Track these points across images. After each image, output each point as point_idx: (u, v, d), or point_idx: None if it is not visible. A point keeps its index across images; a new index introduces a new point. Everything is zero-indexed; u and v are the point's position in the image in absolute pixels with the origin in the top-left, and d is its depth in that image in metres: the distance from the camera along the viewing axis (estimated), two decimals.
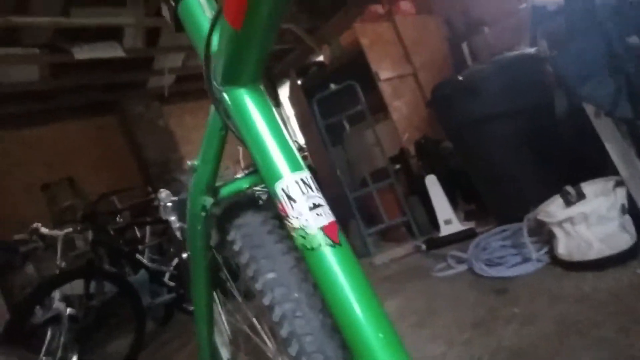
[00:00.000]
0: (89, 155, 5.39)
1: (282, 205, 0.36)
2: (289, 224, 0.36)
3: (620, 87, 1.21)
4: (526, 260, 1.56)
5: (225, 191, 0.53)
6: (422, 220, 2.62)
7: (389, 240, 2.88)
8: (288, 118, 6.22)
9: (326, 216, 0.36)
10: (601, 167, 1.55)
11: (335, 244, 0.34)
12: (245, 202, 0.52)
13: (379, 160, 3.00)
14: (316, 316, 0.41)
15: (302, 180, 0.36)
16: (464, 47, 3.85)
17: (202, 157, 0.52)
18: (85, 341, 2.13)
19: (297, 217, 0.35)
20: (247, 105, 0.39)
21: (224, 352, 0.76)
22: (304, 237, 0.35)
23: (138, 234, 3.16)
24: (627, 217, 1.37)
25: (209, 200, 0.53)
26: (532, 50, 1.90)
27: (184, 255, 0.66)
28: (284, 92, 6.07)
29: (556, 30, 1.76)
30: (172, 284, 2.61)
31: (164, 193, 0.70)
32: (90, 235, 2.33)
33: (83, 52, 3.63)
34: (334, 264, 0.34)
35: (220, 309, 0.76)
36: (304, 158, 4.98)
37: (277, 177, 0.37)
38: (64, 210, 4.26)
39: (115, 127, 5.80)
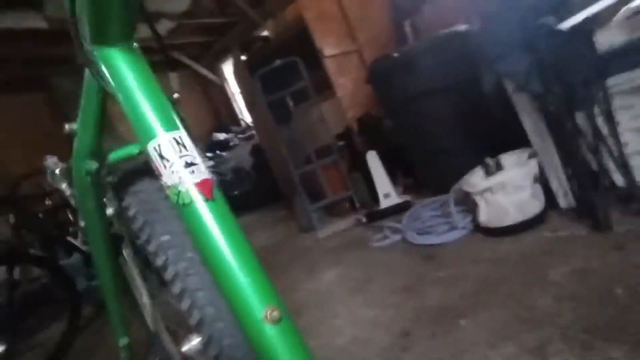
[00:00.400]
0: (14, 136, 4.93)
1: (156, 164, 0.36)
2: (163, 182, 0.36)
3: (532, 63, 1.30)
4: (453, 228, 1.67)
5: (113, 156, 0.52)
6: (363, 194, 2.70)
7: (333, 215, 2.95)
8: (233, 94, 6.05)
9: (200, 174, 0.36)
10: (522, 140, 1.68)
11: (208, 199, 0.35)
12: (141, 170, 0.51)
13: (324, 137, 3.02)
14: (206, 273, 0.42)
15: (175, 139, 0.36)
16: (406, 25, 3.92)
17: (82, 121, 0.51)
18: (14, 330, 2.01)
19: (170, 175, 0.35)
20: (119, 64, 0.38)
21: (147, 317, 0.76)
22: (177, 195, 0.35)
23: (71, 216, 2.98)
24: (538, 185, 1.51)
25: (93, 164, 0.52)
26: (463, 28, 1.98)
27: (81, 224, 0.64)
28: (228, 68, 5.87)
29: (487, 10, 1.85)
30: None
31: (50, 159, 0.66)
32: (11, 219, 2.16)
33: None
34: (208, 218, 0.35)
35: (135, 275, 0.75)
36: (251, 137, 4.88)
37: (150, 136, 0.36)
38: None
39: (44, 105, 5.34)
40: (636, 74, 1.24)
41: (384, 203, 2.45)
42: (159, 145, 0.36)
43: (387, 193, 2.48)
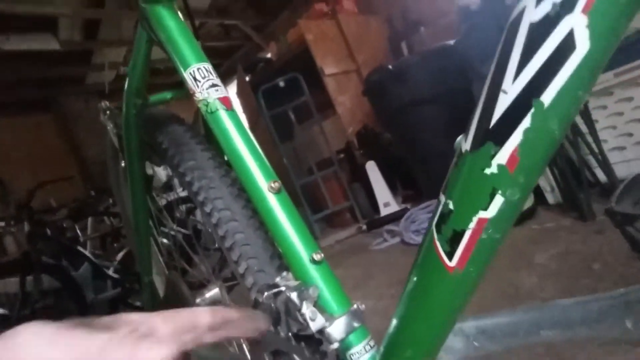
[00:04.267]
0: (23, 154, 5.05)
1: (190, 85, 0.48)
2: (196, 98, 0.48)
3: None
4: None
5: (153, 98, 0.67)
6: (364, 204, 2.78)
7: (334, 226, 3.02)
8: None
9: (222, 92, 0.48)
10: None
11: (228, 109, 0.47)
12: (171, 117, 0.65)
13: (325, 151, 3.13)
14: (226, 188, 0.54)
15: (204, 68, 0.49)
16: (403, 45, 4.10)
17: (132, 65, 0.64)
18: None
19: (201, 92, 0.47)
20: (164, 18, 0.52)
21: (158, 284, 0.84)
22: (206, 105, 0.47)
23: (79, 232, 3.05)
24: None
25: (138, 101, 0.65)
26: (452, 42, 2.11)
27: (122, 164, 0.80)
28: (231, 90, 6.07)
29: (478, 25, 1.98)
30: (117, 277, 2.55)
31: (104, 103, 0.79)
32: (26, 227, 2.23)
33: (12, 43, 3.42)
34: (229, 123, 0.47)
35: (155, 237, 0.84)
36: None
37: (186, 65, 0.49)
38: None
39: (52, 125, 5.48)
40: (605, 77, 1.34)
41: (384, 211, 2.53)
42: (193, 72, 0.48)
43: (387, 202, 2.57)
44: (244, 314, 0.34)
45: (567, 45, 0.22)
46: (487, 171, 0.26)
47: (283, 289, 0.38)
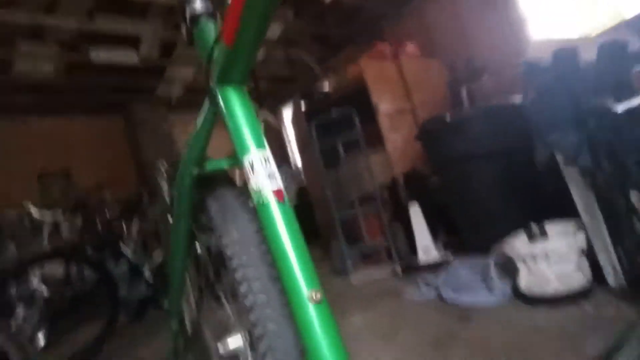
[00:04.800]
0: (89, 150, 5.46)
1: (247, 171, 0.48)
2: (250, 186, 0.48)
3: (583, 139, 1.33)
4: (490, 291, 1.64)
5: (209, 165, 0.67)
6: (402, 246, 2.69)
7: (368, 263, 2.94)
8: (289, 140, 6.37)
9: (277, 184, 0.48)
10: (571, 211, 1.65)
11: (280, 202, 0.47)
12: (225, 180, 0.66)
13: (369, 186, 3.10)
14: (263, 266, 0.52)
15: (262, 156, 0.49)
16: (463, 91, 4.03)
17: (195, 135, 0.65)
18: (55, 323, 2.15)
19: (256, 182, 0.48)
20: (232, 100, 0.53)
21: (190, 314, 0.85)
22: (259, 195, 0.47)
23: (125, 229, 3.21)
24: (584, 259, 1.46)
25: (195, 169, 0.66)
26: (517, 100, 2.04)
27: (169, 219, 0.81)
28: (287, 112, 6.26)
29: (544, 85, 1.90)
30: (151, 279, 2.64)
31: (161, 162, 0.82)
32: (79, 221, 2.39)
33: (100, 55, 3.79)
34: (279, 217, 0.46)
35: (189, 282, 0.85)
36: (301, 180, 5.03)
37: (246, 152, 0.49)
38: (55, 199, 4.29)
39: (120, 128, 5.91)
40: None
41: (422, 257, 2.44)
42: (251, 159, 0.48)
43: (427, 247, 2.47)
44: None
45: None
46: None
47: None
